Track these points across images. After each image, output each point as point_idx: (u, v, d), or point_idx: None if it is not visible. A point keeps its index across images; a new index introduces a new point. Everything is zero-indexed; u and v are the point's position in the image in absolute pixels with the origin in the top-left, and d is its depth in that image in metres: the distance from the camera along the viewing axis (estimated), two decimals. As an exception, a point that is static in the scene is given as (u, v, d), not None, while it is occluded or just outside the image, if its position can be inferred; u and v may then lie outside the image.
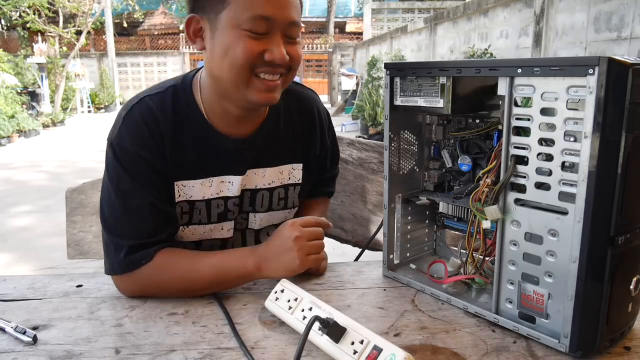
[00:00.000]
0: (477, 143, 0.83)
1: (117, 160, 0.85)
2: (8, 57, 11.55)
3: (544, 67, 0.63)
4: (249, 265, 0.83)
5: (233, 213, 0.98)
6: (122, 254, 0.83)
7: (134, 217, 0.85)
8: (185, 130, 0.89)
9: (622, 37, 3.76)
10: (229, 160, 0.93)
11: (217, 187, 0.93)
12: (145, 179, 0.86)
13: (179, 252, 0.87)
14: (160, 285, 0.84)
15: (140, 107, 0.87)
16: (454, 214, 0.89)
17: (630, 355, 0.67)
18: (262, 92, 0.83)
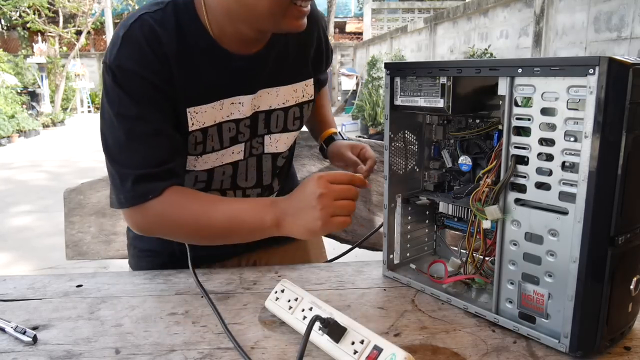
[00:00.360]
0: (477, 143, 0.83)
1: (117, 84, 0.78)
2: (8, 57, 11.56)
3: (544, 67, 0.63)
4: (267, 218, 0.78)
5: (244, 135, 0.93)
6: (128, 184, 0.79)
7: (140, 145, 0.80)
8: (191, 49, 0.83)
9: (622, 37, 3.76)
10: (239, 79, 0.88)
11: (228, 109, 0.88)
12: (150, 103, 0.80)
13: (191, 193, 0.82)
14: (168, 225, 0.82)
15: (140, 25, 0.79)
16: (454, 214, 0.89)
17: (631, 355, 0.67)
18: (296, 19, 0.79)
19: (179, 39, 0.81)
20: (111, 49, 0.80)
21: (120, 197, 0.81)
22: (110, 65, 0.79)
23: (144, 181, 0.79)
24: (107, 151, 0.82)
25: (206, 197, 0.82)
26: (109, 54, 0.80)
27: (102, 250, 1.23)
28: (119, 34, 0.80)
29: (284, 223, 0.78)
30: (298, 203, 0.78)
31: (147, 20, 0.80)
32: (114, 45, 0.80)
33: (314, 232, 0.78)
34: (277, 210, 0.78)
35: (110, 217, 1.23)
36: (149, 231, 0.83)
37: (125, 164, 0.80)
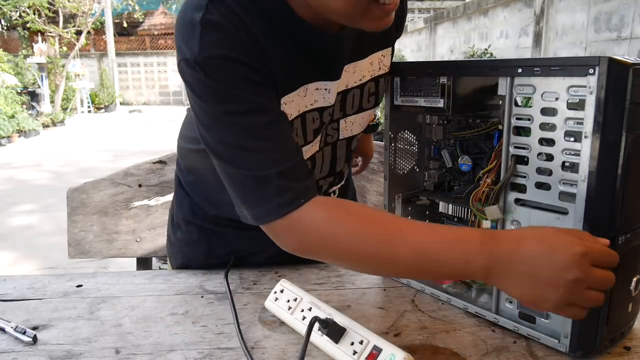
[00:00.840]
0: (477, 143, 0.83)
1: (213, 78, 0.64)
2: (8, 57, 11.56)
3: (544, 67, 0.63)
4: (476, 264, 0.57)
5: (325, 125, 0.81)
6: (269, 189, 0.64)
7: (267, 138, 0.66)
8: (275, 28, 0.69)
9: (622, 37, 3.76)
10: (325, 61, 0.75)
11: (312, 96, 0.75)
12: (261, 89, 0.67)
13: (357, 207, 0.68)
14: (335, 244, 0.64)
15: (216, 5, 0.65)
16: (454, 214, 0.89)
17: (631, 355, 0.67)
18: (379, 19, 0.65)
19: (261, 16, 0.67)
20: (188, 42, 0.65)
21: (261, 208, 0.65)
22: (196, 61, 0.64)
23: (286, 181, 0.64)
24: (225, 158, 0.67)
25: (381, 218, 0.65)
26: (188, 48, 0.65)
27: (105, 249, 1.23)
28: (195, 21, 0.64)
29: (496, 276, 0.57)
30: (535, 268, 0.55)
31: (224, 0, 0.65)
32: (191, 36, 0.65)
33: (533, 306, 0.61)
34: (493, 257, 0.57)
35: (113, 216, 1.24)
36: (308, 250, 0.66)
37: (256, 166, 0.65)
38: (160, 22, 18.35)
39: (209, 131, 0.68)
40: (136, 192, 1.24)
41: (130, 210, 1.25)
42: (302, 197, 0.64)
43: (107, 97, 15.40)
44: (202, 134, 0.69)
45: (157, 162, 1.26)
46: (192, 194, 0.97)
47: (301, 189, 0.65)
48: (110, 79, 15.66)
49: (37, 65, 12.78)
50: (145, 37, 17.98)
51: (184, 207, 0.98)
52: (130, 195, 1.24)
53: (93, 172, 5.08)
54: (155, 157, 1.27)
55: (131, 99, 17.18)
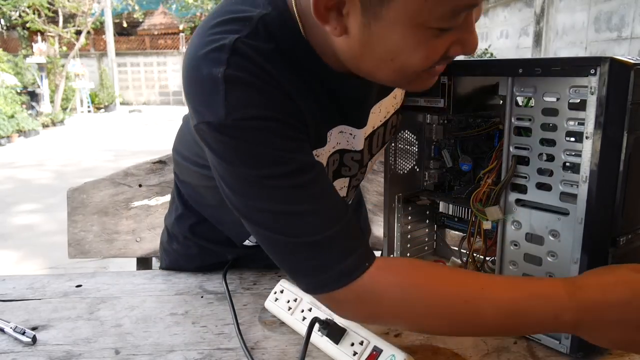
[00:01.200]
0: (477, 143, 0.83)
1: (246, 141, 0.56)
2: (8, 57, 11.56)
3: (545, 67, 0.62)
4: (565, 318, 0.53)
5: (349, 169, 0.76)
6: (326, 256, 0.56)
7: (312, 200, 0.58)
8: (301, 75, 0.62)
9: (622, 37, 3.76)
10: (351, 108, 0.70)
11: (335, 139, 0.70)
12: (300, 147, 0.59)
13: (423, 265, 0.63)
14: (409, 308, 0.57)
15: (238, 59, 0.57)
16: (454, 214, 0.88)
17: (631, 356, 0.67)
18: (427, 81, 0.61)
19: (285, 65, 0.60)
20: (209, 103, 0.56)
21: (319, 278, 0.57)
22: (223, 124, 0.56)
23: (345, 243, 0.57)
24: (266, 226, 0.59)
25: (458, 277, 0.59)
26: (210, 109, 0.56)
27: (105, 249, 1.23)
28: (215, 78, 0.56)
29: (587, 329, 0.55)
30: (625, 314, 0.53)
31: (244, 51, 0.57)
32: (212, 96, 0.56)
33: (627, 349, 0.60)
34: (582, 310, 0.53)
35: (113, 216, 1.24)
36: (379, 319, 0.60)
37: (307, 231, 0.57)
38: (160, 22, 18.35)
39: (243, 197, 0.59)
40: (136, 192, 1.24)
41: (130, 210, 1.24)
42: (365, 260, 0.56)
43: (107, 97, 15.40)
44: (231, 200, 0.60)
45: (157, 162, 1.26)
46: (194, 205, 0.92)
47: (363, 252, 0.57)
48: (110, 79, 15.66)
49: (36, 65, 12.79)
50: (145, 37, 17.98)
51: (182, 222, 0.94)
52: (130, 195, 1.24)
53: (93, 172, 5.08)
54: (155, 157, 1.27)
55: (131, 99, 17.18)
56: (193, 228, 0.93)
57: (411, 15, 0.51)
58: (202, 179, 0.79)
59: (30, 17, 12.71)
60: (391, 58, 0.56)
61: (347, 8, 0.53)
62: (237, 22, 0.59)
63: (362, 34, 0.54)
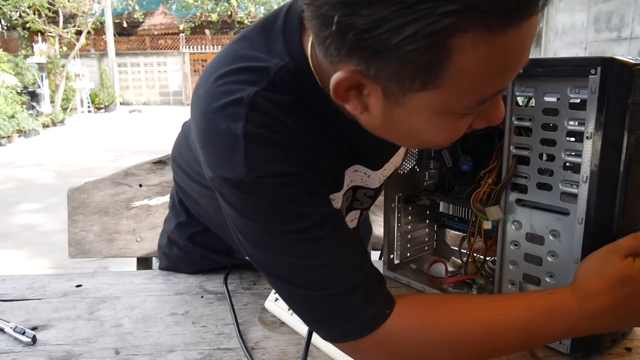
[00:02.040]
0: (478, 143, 0.83)
1: (266, 198, 0.55)
2: (8, 57, 11.56)
3: (546, 67, 0.62)
4: (580, 327, 0.55)
5: (362, 203, 0.77)
6: (348, 306, 0.56)
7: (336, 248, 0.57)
8: (318, 123, 0.61)
9: (622, 37, 3.76)
10: (365, 151, 0.70)
11: (349, 177, 0.70)
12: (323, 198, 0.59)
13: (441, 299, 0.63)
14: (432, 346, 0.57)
15: (259, 115, 0.55)
16: (454, 214, 0.88)
17: (632, 356, 0.67)
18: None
19: (306, 118, 0.59)
20: (228, 159, 0.55)
21: (341, 329, 0.57)
22: (243, 182, 0.55)
23: (366, 293, 0.56)
24: (285, 279, 0.58)
25: (473, 307, 0.58)
26: (229, 166, 0.55)
27: (105, 249, 1.23)
28: (235, 134, 0.54)
29: (604, 326, 0.57)
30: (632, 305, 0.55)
31: (264, 105, 0.55)
32: (231, 153, 0.55)
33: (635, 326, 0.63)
34: (594, 317, 0.55)
35: (113, 216, 1.24)
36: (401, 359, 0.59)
37: (327, 284, 0.56)
38: (160, 22, 18.35)
39: (260, 250, 0.58)
40: (137, 192, 1.24)
41: (130, 210, 1.24)
42: (387, 307, 0.56)
43: (107, 97, 15.40)
44: (247, 250, 0.60)
45: (157, 162, 1.26)
46: (196, 215, 0.91)
47: (383, 299, 0.57)
48: (110, 79, 15.67)
49: (37, 65, 12.79)
50: (145, 37, 17.98)
51: (183, 230, 0.93)
52: (130, 195, 1.24)
53: (93, 172, 5.08)
54: (155, 157, 1.27)
55: (131, 99, 17.18)
56: (194, 237, 0.92)
57: (436, 105, 0.49)
58: (204, 196, 0.77)
59: (31, 18, 12.71)
60: (414, 136, 0.55)
61: (368, 90, 0.50)
62: (254, 73, 0.57)
63: (384, 114, 0.52)
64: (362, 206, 0.78)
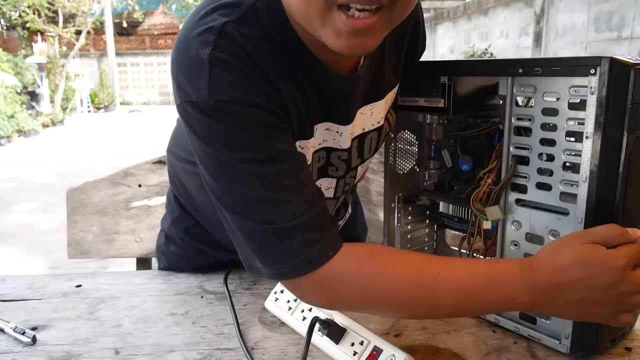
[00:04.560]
0: (477, 143, 0.83)
1: (227, 124, 0.57)
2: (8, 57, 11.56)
3: (545, 67, 0.62)
4: (520, 300, 0.56)
5: (337, 169, 0.76)
6: (293, 244, 0.58)
7: (287, 188, 0.59)
8: (289, 66, 0.62)
9: (622, 37, 3.76)
10: (337, 104, 0.69)
11: (321, 135, 0.70)
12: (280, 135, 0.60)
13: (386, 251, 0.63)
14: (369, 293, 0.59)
15: (225, 42, 0.57)
16: (454, 214, 0.88)
17: (632, 356, 0.67)
18: (344, 35, 0.54)
19: (273, 54, 0.60)
20: (194, 82, 0.57)
21: (284, 265, 0.59)
22: (207, 104, 0.56)
23: (313, 233, 0.58)
24: (238, 211, 0.60)
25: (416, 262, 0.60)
26: (194, 89, 0.57)
27: (104, 249, 1.23)
28: (202, 58, 0.56)
29: (542, 307, 0.57)
30: (580, 293, 0.55)
31: (232, 34, 0.57)
32: (197, 76, 0.56)
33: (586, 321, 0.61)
34: (536, 292, 0.55)
35: (112, 217, 1.23)
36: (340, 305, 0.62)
37: (277, 219, 0.58)
38: (160, 22, 18.35)
39: (220, 181, 0.60)
40: (136, 192, 1.24)
41: (130, 210, 1.24)
42: (330, 249, 0.58)
43: (106, 97, 15.40)
44: (209, 183, 0.61)
45: (157, 162, 1.26)
46: (187, 208, 0.92)
47: (328, 240, 0.59)
48: (110, 79, 15.67)
49: (36, 65, 12.79)
50: (145, 37, 17.98)
51: (179, 225, 0.94)
52: (130, 195, 1.24)
53: (93, 172, 5.08)
54: (155, 157, 1.26)
55: (131, 98, 17.19)
56: (189, 230, 0.93)
57: None
58: (194, 177, 0.78)
59: (30, 17, 12.71)
60: None
61: None
62: (228, 7, 0.59)
63: None
64: (337, 173, 0.77)
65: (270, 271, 0.61)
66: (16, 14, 12.94)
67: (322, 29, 0.56)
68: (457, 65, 0.75)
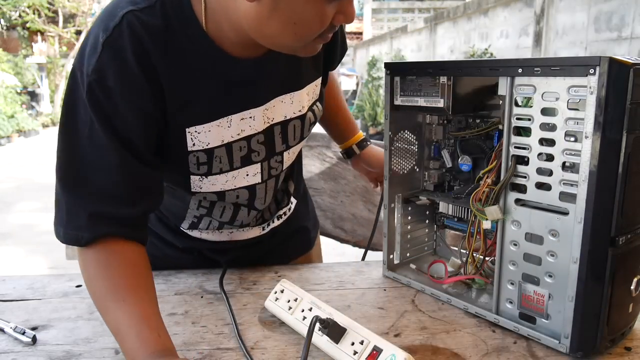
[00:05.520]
0: (477, 143, 0.83)
1: (92, 101, 0.64)
2: (8, 57, 11.57)
3: (544, 67, 0.62)
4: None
5: (258, 154, 0.81)
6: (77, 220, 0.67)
7: (102, 177, 0.67)
8: (185, 56, 0.69)
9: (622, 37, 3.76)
10: (247, 89, 0.76)
11: (238, 126, 0.76)
12: (129, 131, 0.67)
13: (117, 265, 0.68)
14: (87, 283, 0.69)
15: (124, 29, 0.64)
16: (454, 214, 0.88)
17: (631, 355, 0.67)
18: (315, 47, 0.69)
19: (172, 46, 0.67)
20: (88, 54, 0.65)
21: (59, 228, 0.69)
22: (87, 75, 0.64)
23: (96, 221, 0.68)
24: (60, 175, 0.69)
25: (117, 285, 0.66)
26: (85, 59, 0.65)
27: (102, 250, 1.23)
28: (99, 38, 0.64)
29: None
30: None
31: (132, 23, 0.65)
32: (92, 51, 0.65)
33: None
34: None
35: (110, 217, 1.24)
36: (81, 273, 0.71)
37: (79, 195, 0.68)
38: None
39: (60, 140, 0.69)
40: (136, 192, 1.24)
41: (130, 210, 1.24)
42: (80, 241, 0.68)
43: (107, 96, 15.37)
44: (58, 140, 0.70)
45: (156, 162, 1.26)
46: None
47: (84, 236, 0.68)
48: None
49: (36, 65, 12.80)
50: (145, 37, 17.95)
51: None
52: (130, 195, 1.24)
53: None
54: (155, 157, 1.26)
55: (131, 98, 17.16)
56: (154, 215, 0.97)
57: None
58: None
59: (30, 17, 12.71)
60: (293, 22, 0.63)
61: None
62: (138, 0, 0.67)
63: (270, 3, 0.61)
64: (259, 157, 0.82)
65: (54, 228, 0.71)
66: (16, 14, 12.95)
67: (300, 49, 0.68)
68: (457, 65, 0.75)
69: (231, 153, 0.78)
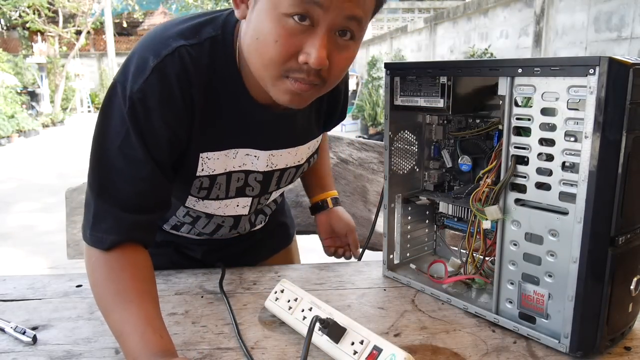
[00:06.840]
0: (477, 143, 0.83)
1: (133, 118, 0.68)
2: (8, 57, 11.56)
3: (544, 67, 0.63)
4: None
5: (253, 189, 0.87)
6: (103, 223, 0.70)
7: (129, 186, 0.71)
8: (219, 94, 0.75)
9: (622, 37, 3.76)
10: (261, 133, 0.81)
11: (241, 159, 0.82)
12: (161, 150, 0.72)
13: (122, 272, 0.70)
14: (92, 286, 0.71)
15: (175, 60, 0.69)
16: (454, 214, 0.89)
17: (631, 355, 0.67)
18: (289, 93, 0.68)
19: (210, 84, 0.73)
20: (134, 73, 0.69)
21: (86, 229, 0.72)
22: (131, 95, 0.68)
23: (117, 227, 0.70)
24: (94, 183, 0.71)
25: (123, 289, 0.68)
26: (132, 80, 0.68)
27: (102, 250, 1.23)
28: (149, 63, 0.68)
29: None
30: None
31: (183, 56, 0.70)
32: (139, 73, 0.68)
33: None
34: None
35: (110, 217, 1.24)
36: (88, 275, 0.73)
37: (102, 200, 0.71)
38: (160, 22, 18.30)
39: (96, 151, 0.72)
40: (136, 192, 1.24)
41: (130, 210, 1.24)
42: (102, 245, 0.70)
43: (107, 97, 15.37)
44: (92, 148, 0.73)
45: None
46: None
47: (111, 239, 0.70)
48: (110, 79, 15.65)
49: (36, 65, 12.79)
50: (145, 37, 17.94)
51: None
52: (130, 195, 1.24)
53: (93, 172, 5.06)
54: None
55: (131, 98, 17.15)
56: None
57: (273, 3, 0.63)
58: None
59: (30, 17, 12.71)
60: (256, 36, 0.66)
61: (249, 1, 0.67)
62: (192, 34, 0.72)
63: (249, 17, 0.67)
64: (252, 192, 0.88)
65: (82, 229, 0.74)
66: (16, 14, 12.95)
67: (272, 88, 0.69)
68: (457, 66, 0.76)
69: (230, 182, 0.83)
